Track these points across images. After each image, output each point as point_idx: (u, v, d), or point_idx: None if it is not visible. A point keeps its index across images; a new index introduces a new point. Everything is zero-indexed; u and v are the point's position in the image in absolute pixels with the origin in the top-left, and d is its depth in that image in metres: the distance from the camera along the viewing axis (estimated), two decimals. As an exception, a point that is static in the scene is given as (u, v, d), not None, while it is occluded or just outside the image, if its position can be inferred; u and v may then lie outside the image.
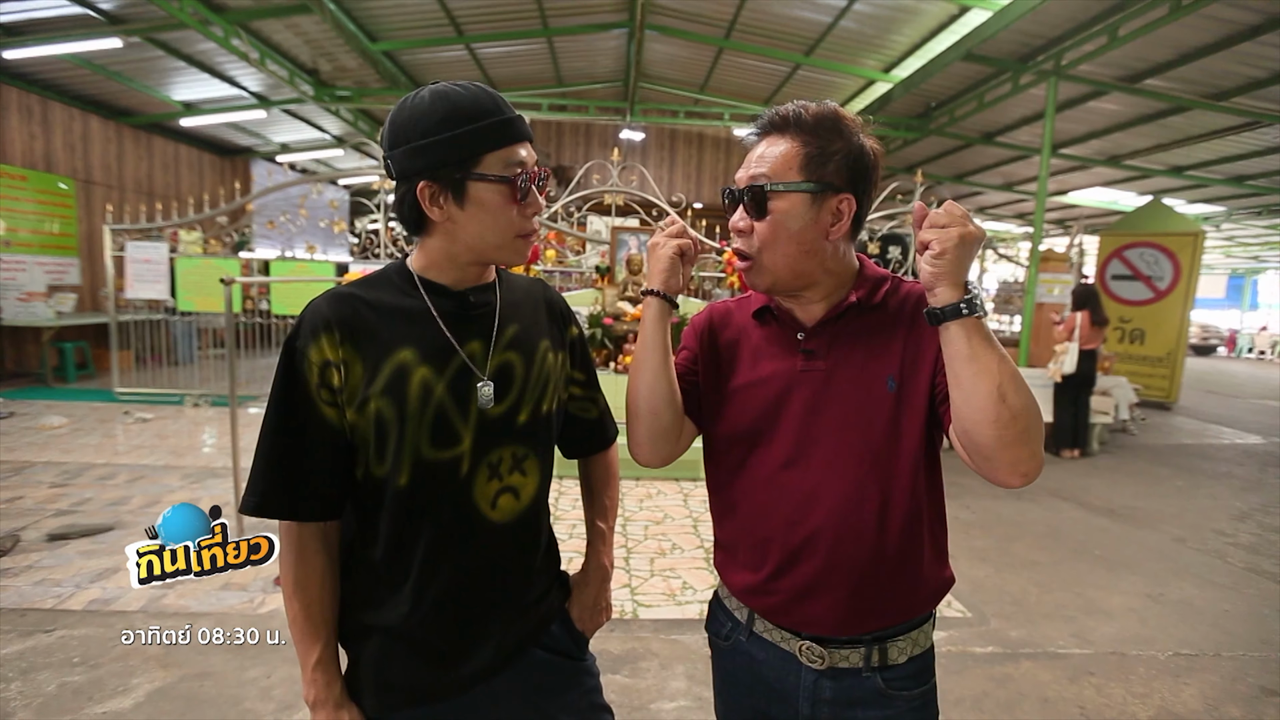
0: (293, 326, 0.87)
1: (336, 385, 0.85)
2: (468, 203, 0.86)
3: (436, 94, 0.85)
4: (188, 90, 8.66)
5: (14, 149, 7.41)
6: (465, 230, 0.88)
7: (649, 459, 0.99)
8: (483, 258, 0.92)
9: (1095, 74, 6.96)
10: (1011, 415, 0.73)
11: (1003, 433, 0.74)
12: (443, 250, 0.91)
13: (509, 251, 0.91)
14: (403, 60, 9.09)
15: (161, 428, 5.65)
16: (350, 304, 0.87)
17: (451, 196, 0.85)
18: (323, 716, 0.88)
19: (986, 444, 0.75)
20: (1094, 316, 5.72)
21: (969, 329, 0.75)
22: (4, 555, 3.09)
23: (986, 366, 0.74)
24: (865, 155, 0.88)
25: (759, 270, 0.91)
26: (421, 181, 0.84)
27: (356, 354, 0.85)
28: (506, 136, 0.86)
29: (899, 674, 0.92)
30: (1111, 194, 12.28)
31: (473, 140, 0.84)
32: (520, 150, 0.88)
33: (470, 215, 0.86)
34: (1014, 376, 0.74)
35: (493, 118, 0.85)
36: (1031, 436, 0.75)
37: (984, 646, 2.66)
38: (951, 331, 0.76)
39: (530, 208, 0.90)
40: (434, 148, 0.83)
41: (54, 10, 6.16)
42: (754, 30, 8.23)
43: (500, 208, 0.87)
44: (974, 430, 0.76)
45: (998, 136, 9.81)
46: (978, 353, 0.74)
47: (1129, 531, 4.12)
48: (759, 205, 0.87)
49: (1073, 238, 7.87)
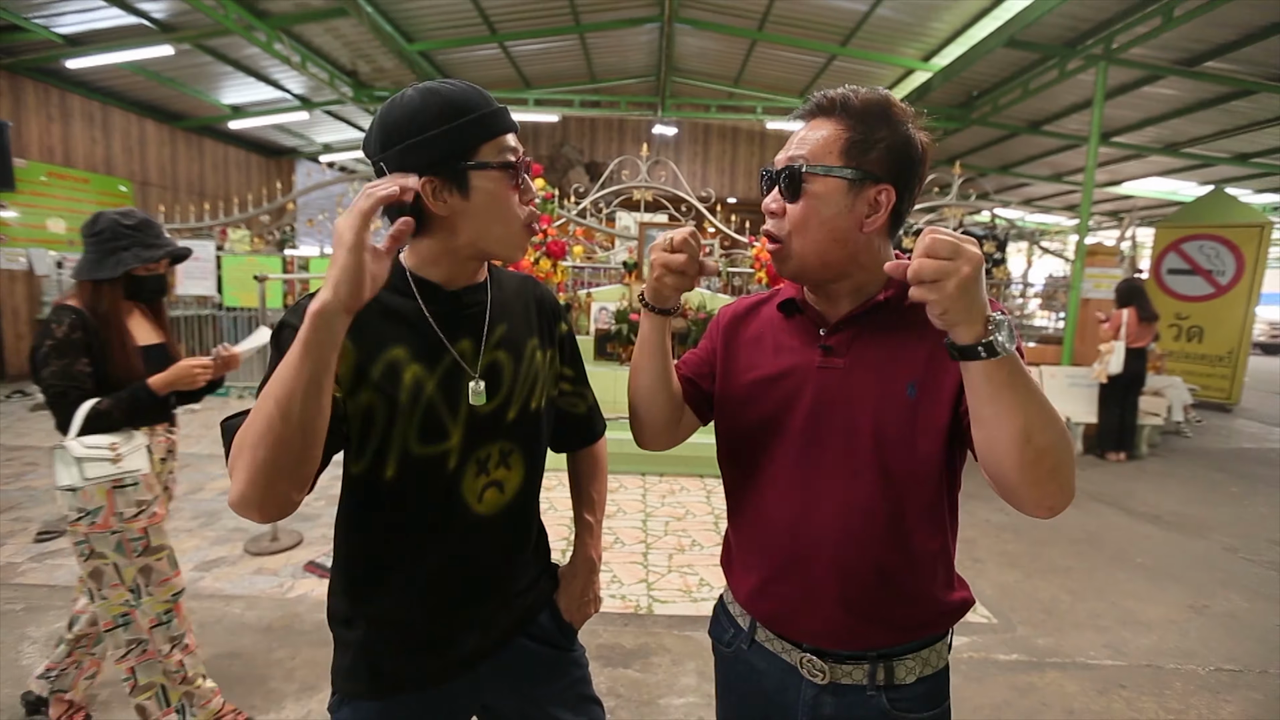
0: (290, 307, 0.89)
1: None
2: (472, 194, 0.86)
3: (425, 91, 0.86)
4: (235, 94, 9.02)
5: (77, 153, 7.85)
6: (470, 222, 0.87)
7: (647, 446, 1.03)
8: (485, 251, 0.92)
9: (1149, 57, 6.61)
10: (1037, 455, 0.67)
11: (1027, 473, 0.69)
12: (441, 247, 0.91)
13: (513, 244, 0.91)
14: (438, 60, 9.27)
15: (207, 418, 5.92)
16: None
17: (456, 190, 0.86)
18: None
19: (1010, 481, 0.71)
20: (1141, 312, 5.45)
21: (989, 370, 0.66)
22: (60, 536, 3.29)
23: (1010, 408, 0.67)
24: (912, 147, 0.83)
25: (786, 255, 0.86)
26: (424, 178, 0.84)
27: (351, 344, 0.85)
28: (498, 127, 0.87)
29: (907, 695, 0.87)
30: (1170, 184, 11.66)
31: (470, 131, 0.85)
32: (510, 139, 0.89)
33: (475, 206, 0.86)
34: (1041, 414, 0.67)
35: (484, 109, 0.86)
36: (1060, 474, 0.69)
37: (1008, 654, 2.58)
38: (971, 370, 0.68)
39: (526, 195, 0.91)
40: (433, 142, 0.83)
41: (112, 21, 6.49)
42: (787, 21, 8.10)
43: (503, 195, 0.87)
44: (997, 468, 0.71)
45: (1044, 125, 9.43)
46: (1000, 394, 0.67)
47: (1175, 539, 3.92)
48: (793, 187, 0.83)
49: (1124, 230, 7.51)
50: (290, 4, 6.86)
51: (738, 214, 7.21)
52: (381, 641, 0.93)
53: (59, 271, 7.37)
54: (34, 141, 7.27)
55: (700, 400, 1.02)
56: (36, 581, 2.84)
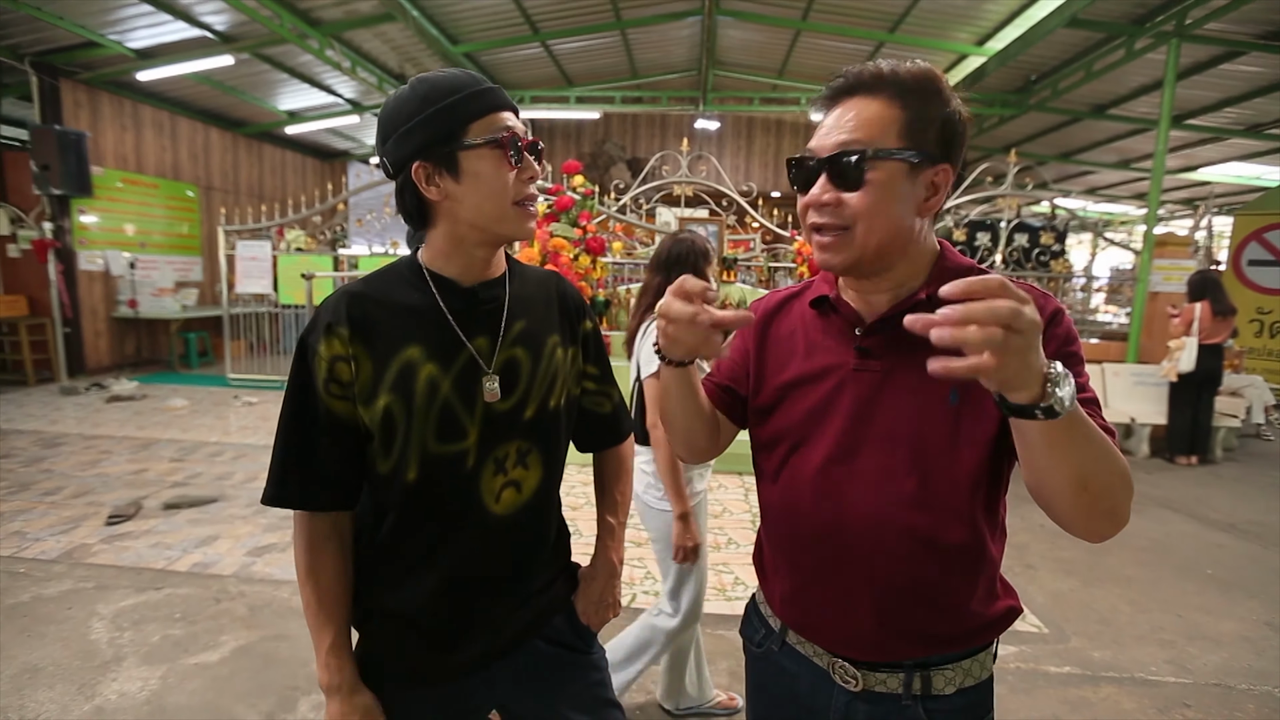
0: (309, 322, 0.91)
1: (346, 380, 0.87)
2: (463, 175, 0.85)
3: (415, 81, 0.87)
4: (291, 100, 9.39)
5: (148, 160, 8.32)
6: (464, 205, 0.87)
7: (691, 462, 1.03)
8: (487, 234, 0.90)
9: (1227, 32, 6.15)
10: (1092, 500, 0.64)
11: (1080, 513, 0.67)
12: (448, 236, 0.91)
13: (510, 223, 0.89)
14: (482, 61, 9.43)
15: (265, 411, 6.19)
16: (360, 302, 0.88)
17: (446, 172, 0.86)
18: (337, 701, 0.90)
19: (1062, 518, 0.69)
20: (1215, 306, 5.08)
21: (1045, 428, 0.60)
22: (128, 520, 3.51)
23: (1066, 459, 0.62)
24: (961, 123, 0.79)
25: (847, 244, 0.78)
26: (415, 164, 0.86)
27: (366, 351, 0.87)
28: (487, 105, 0.86)
29: (946, 706, 0.83)
30: (1253, 168, 10.84)
31: (456, 112, 0.84)
32: (505, 117, 0.87)
33: (467, 187, 0.86)
34: (1100, 460, 0.63)
35: (470, 89, 0.85)
36: (1116, 513, 0.67)
37: (1060, 666, 2.45)
38: (1023, 425, 0.62)
39: (525, 172, 0.89)
40: (421, 126, 0.84)
41: (178, 34, 6.85)
42: (832, 9, 7.89)
43: (494, 173, 0.86)
44: (1048, 505, 0.69)
45: (1110, 109, 8.90)
46: (1056, 448, 0.62)
47: (1251, 550, 3.65)
48: (854, 174, 0.75)
49: (1198, 219, 7.03)
50: (340, 11, 7.10)
51: (780, 208, 7.08)
52: (395, 637, 0.94)
53: (132, 272, 7.86)
54: (109, 150, 7.75)
55: (737, 406, 0.97)
56: (106, 562, 3.03)
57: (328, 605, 0.91)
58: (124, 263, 7.82)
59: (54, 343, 7.05)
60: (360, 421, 0.89)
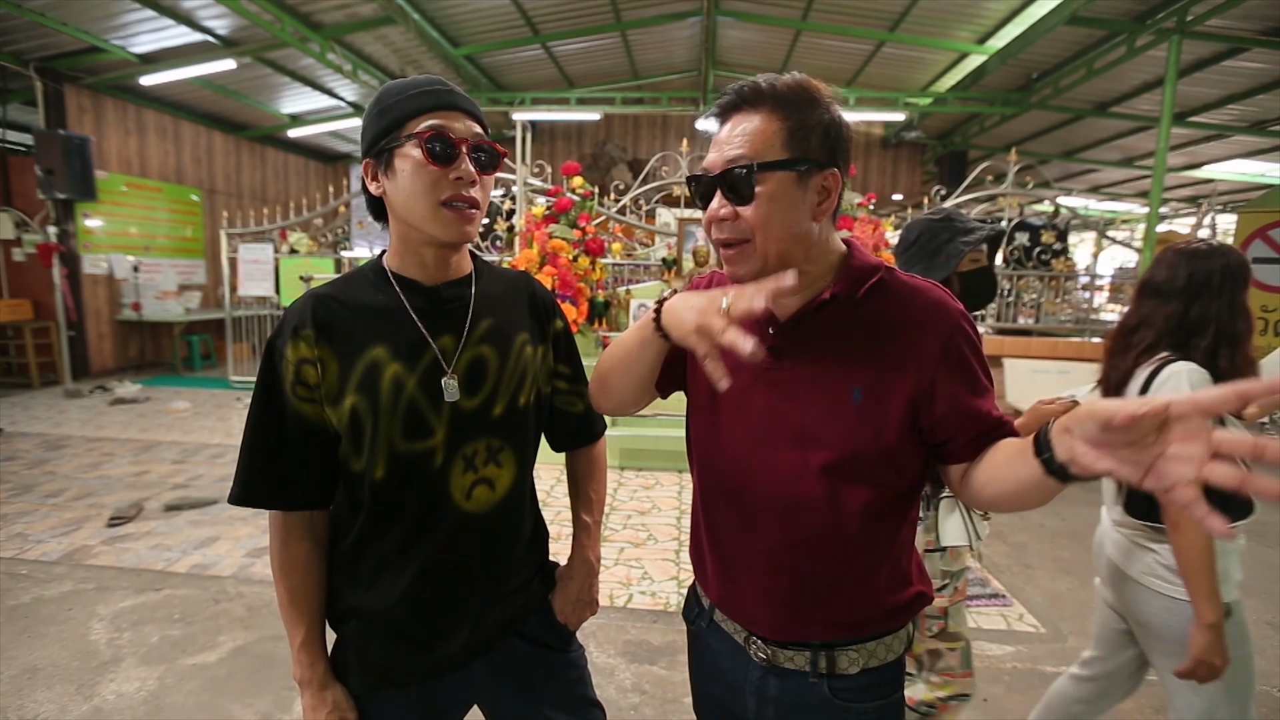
0: (277, 326, 0.92)
1: (313, 382, 0.88)
2: (395, 173, 0.86)
3: (385, 84, 0.91)
4: (293, 103, 9.43)
5: (152, 164, 8.38)
6: (396, 203, 0.88)
7: (604, 412, 1.07)
8: (421, 232, 0.89)
9: (1229, 29, 6.12)
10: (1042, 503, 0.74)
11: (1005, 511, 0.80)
12: (398, 235, 0.93)
13: (437, 224, 0.87)
14: (483, 63, 9.45)
15: (267, 412, 6.22)
16: (326, 305, 0.90)
17: (384, 169, 0.88)
18: (309, 695, 0.93)
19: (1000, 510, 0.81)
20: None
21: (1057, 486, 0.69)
22: (129, 521, 3.53)
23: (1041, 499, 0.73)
24: (843, 127, 0.81)
25: (750, 255, 0.81)
26: (366, 160, 0.90)
27: (332, 352, 0.88)
28: (427, 104, 0.86)
29: (849, 685, 0.88)
30: (1257, 165, 10.79)
31: (395, 110, 0.86)
32: (441, 115, 0.86)
33: (397, 184, 0.87)
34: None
35: (418, 89, 0.87)
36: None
37: (1056, 665, 2.44)
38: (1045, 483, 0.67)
39: (455, 173, 0.85)
40: (370, 124, 0.88)
41: (181, 39, 6.90)
42: (833, 8, 7.88)
43: (414, 171, 0.84)
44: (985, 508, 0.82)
45: (1112, 107, 8.87)
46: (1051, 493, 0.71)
47: (1251, 549, 3.60)
48: (744, 189, 0.79)
49: (1201, 216, 6.99)
50: (341, 15, 7.13)
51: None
52: (372, 636, 0.95)
53: (135, 276, 7.90)
54: (113, 154, 7.80)
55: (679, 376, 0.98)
56: (107, 563, 3.05)
57: (299, 602, 0.93)
58: (128, 266, 7.87)
59: (58, 346, 7.10)
60: (329, 423, 0.90)
